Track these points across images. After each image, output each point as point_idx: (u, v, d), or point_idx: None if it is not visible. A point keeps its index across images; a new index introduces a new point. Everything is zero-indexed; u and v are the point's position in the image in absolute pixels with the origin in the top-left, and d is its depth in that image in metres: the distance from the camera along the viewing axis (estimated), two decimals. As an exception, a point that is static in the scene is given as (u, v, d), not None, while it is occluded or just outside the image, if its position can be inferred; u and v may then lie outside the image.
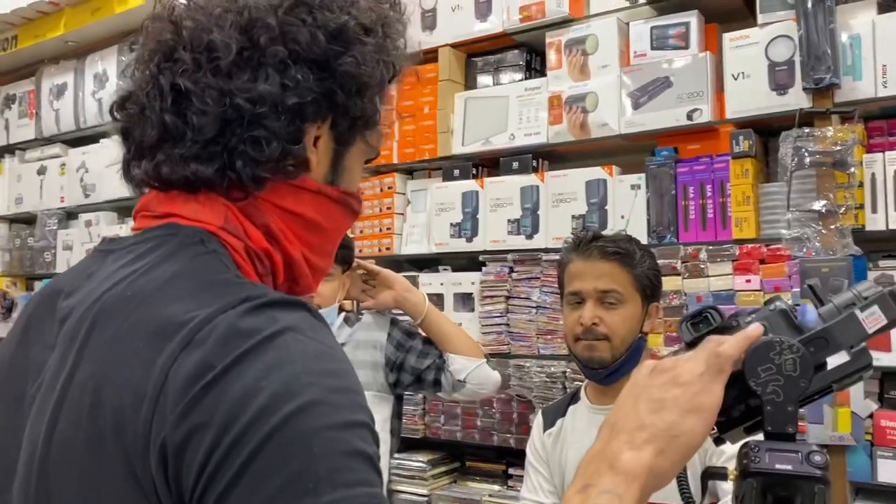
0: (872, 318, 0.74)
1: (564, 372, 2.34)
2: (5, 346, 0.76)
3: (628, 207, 2.31)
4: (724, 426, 0.77)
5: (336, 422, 0.58)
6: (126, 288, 0.66)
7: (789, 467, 0.71)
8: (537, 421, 1.77)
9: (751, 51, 2.11)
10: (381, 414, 1.86)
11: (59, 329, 0.69)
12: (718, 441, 0.78)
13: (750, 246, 2.08)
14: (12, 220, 4.04)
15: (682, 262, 2.15)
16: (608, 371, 1.57)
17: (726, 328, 0.78)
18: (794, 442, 0.72)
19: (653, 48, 2.30)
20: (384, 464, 1.90)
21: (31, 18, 3.63)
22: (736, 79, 2.13)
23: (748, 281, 2.06)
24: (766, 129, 2.19)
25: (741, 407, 0.75)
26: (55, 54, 3.78)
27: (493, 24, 2.57)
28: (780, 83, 2.07)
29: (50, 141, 3.83)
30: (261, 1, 0.71)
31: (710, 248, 2.13)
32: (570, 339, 1.62)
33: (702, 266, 2.13)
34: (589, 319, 1.55)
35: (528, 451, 1.75)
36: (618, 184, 2.34)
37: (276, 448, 0.55)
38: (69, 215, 3.81)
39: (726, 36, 2.17)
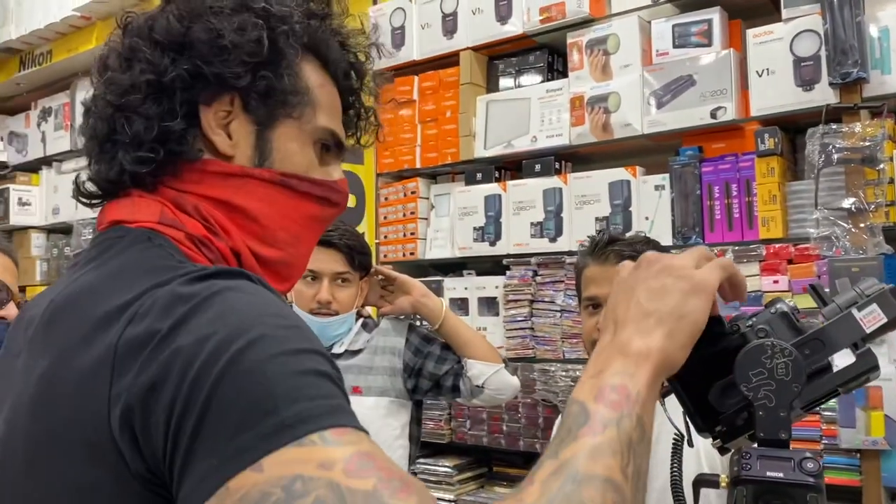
0: (871, 317, 0.72)
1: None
2: None
3: (652, 208, 2.27)
4: (728, 436, 0.74)
5: (286, 349, 0.59)
6: (76, 286, 0.70)
7: (780, 475, 0.68)
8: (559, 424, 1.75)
9: (775, 46, 2.07)
10: (399, 419, 1.86)
11: (24, 338, 0.72)
12: (723, 451, 0.76)
13: (777, 246, 2.03)
14: (50, 230, 4.14)
15: (708, 264, 2.10)
16: None
17: (739, 339, 0.76)
18: (788, 448, 0.70)
19: (675, 46, 2.26)
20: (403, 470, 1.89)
21: (65, 33, 3.72)
22: (760, 75, 2.09)
23: (776, 282, 2.01)
24: (793, 127, 2.14)
25: (744, 415, 0.73)
26: (88, 67, 3.84)
27: (514, 27, 2.56)
28: (805, 79, 2.02)
29: (85, 152, 3.91)
30: (142, 14, 0.78)
31: (737, 248, 2.08)
32: (588, 345, 1.60)
33: (728, 267, 2.08)
34: None
35: None
36: (641, 184, 2.30)
37: (231, 381, 0.56)
38: (103, 224, 3.88)
39: (750, 32, 2.12)
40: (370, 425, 0.62)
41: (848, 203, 1.91)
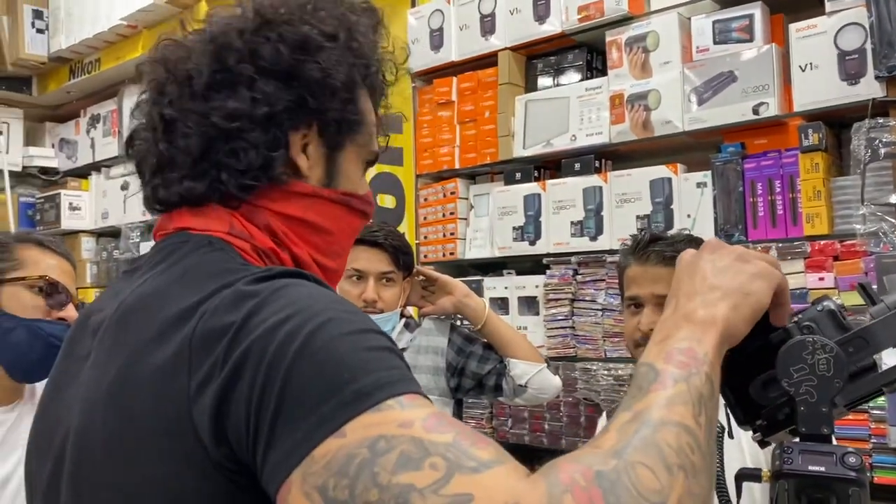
0: None
1: (632, 375, 2.30)
2: (55, 365, 0.84)
3: (694, 206, 2.26)
4: (768, 429, 0.75)
5: (354, 329, 0.63)
6: (144, 289, 0.73)
7: (822, 469, 0.69)
8: (602, 422, 1.76)
9: (819, 40, 2.04)
10: None
11: (92, 340, 0.76)
12: (763, 444, 0.77)
13: (822, 242, 2.00)
14: (99, 234, 4.25)
15: (752, 261, 2.09)
16: None
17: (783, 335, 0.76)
18: (830, 443, 0.70)
19: (716, 42, 2.24)
20: None
21: (112, 42, 3.82)
22: (804, 70, 2.06)
23: (821, 279, 1.99)
24: (837, 121, 2.10)
25: (786, 410, 0.73)
26: (135, 75, 3.95)
27: (553, 26, 2.56)
28: (850, 73, 1.99)
29: (132, 158, 4.01)
30: (230, 27, 0.78)
31: (781, 245, 2.06)
32: (630, 345, 1.60)
33: (772, 264, 2.06)
34: (647, 326, 1.53)
35: None
36: (683, 182, 2.29)
37: (307, 360, 0.59)
38: (150, 228, 3.96)
39: (793, 26, 2.10)
40: None
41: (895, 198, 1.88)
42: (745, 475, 0.76)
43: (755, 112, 2.13)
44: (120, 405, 0.67)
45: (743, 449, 1.34)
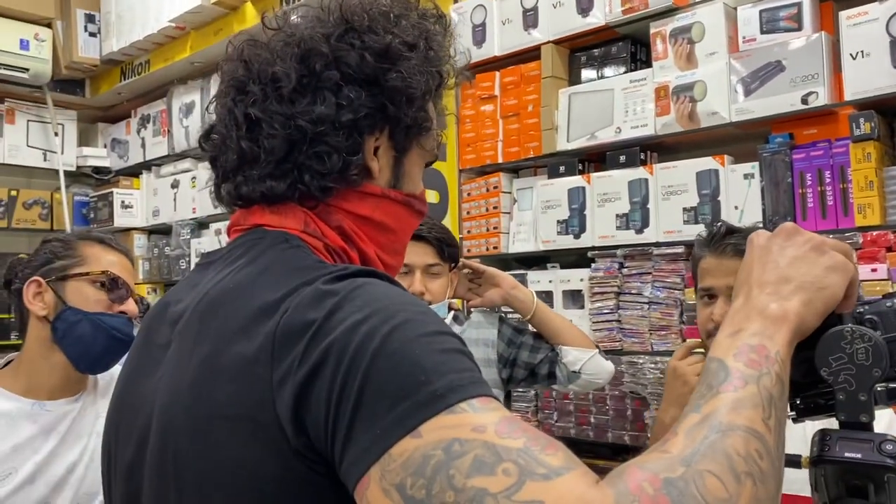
0: None
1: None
2: (131, 352, 0.88)
3: (742, 198, 2.23)
4: (804, 411, 0.76)
5: (429, 331, 0.65)
6: (227, 283, 0.76)
7: (859, 456, 0.70)
8: (649, 416, 1.76)
9: (871, 28, 2.00)
10: None
11: (171, 330, 0.79)
12: (796, 421, 0.78)
13: (875, 233, 1.97)
14: (151, 231, 4.36)
15: (801, 253, 2.06)
16: None
17: (835, 321, 0.76)
18: (869, 431, 0.71)
19: (763, 32, 2.21)
20: None
21: (161, 43, 3.91)
22: (854, 58, 2.03)
23: (874, 270, 1.95)
24: (890, 110, 2.06)
25: (828, 396, 0.74)
26: (183, 75, 4.05)
27: (596, 18, 2.55)
28: (904, 60, 1.95)
29: (181, 156, 4.11)
30: (315, 32, 0.80)
31: (831, 237, 2.02)
32: (703, 335, 1.62)
33: (822, 256, 2.03)
34: (720, 317, 1.53)
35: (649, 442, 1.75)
36: (730, 173, 2.27)
37: (384, 360, 0.62)
38: (201, 225, 4.07)
39: (843, 14, 2.06)
40: None
41: (952, 187, 1.84)
42: (785, 461, 0.77)
43: (804, 102, 2.10)
44: (206, 392, 0.70)
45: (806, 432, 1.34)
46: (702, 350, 1.64)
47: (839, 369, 0.72)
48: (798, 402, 0.77)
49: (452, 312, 2.01)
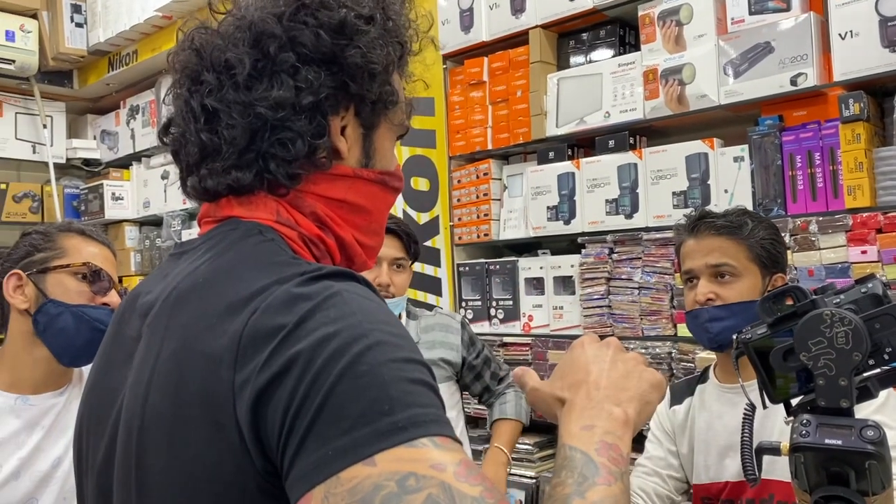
0: None
1: (670, 353, 2.29)
2: (102, 344, 0.86)
3: (732, 181, 2.22)
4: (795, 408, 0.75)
5: (400, 356, 0.63)
6: (197, 276, 0.74)
7: (839, 442, 0.69)
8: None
9: (860, 7, 1.98)
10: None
11: (142, 322, 0.77)
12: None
13: (865, 215, 1.96)
14: (142, 222, 4.34)
15: (791, 236, 2.05)
16: None
17: (810, 306, 0.75)
18: (849, 417, 0.69)
19: (751, 13, 2.19)
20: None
21: (148, 33, 3.87)
22: (843, 38, 2.01)
23: (864, 252, 1.94)
24: (880, 90, 2.05)
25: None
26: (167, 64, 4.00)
27: (584, 2, 2.53)
28: (893, 40, 1.93)
29: (171, 147, 4.07)
30: (265, 13, 0.76)
31: (821, 219, 2.02)
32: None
33: (812, 238, 2.02)
34: (703, 296, 1.53)
35: (651, 423, 1.75)
36: (720, 157, 2.25)
37: (351, 380, 0.60)
38: (191, 216, 4.04)
39: (832, -7, 2.04)
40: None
41: (941, 168, 1.83)
42: (764, 449, 0.76)
43: (793, 83, 2.08)
44: (171, 390, 0.68)
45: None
46: None
47: (819, 354, 0.70)
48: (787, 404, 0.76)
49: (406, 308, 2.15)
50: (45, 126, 4.29)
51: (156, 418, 0.69)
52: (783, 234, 2.05)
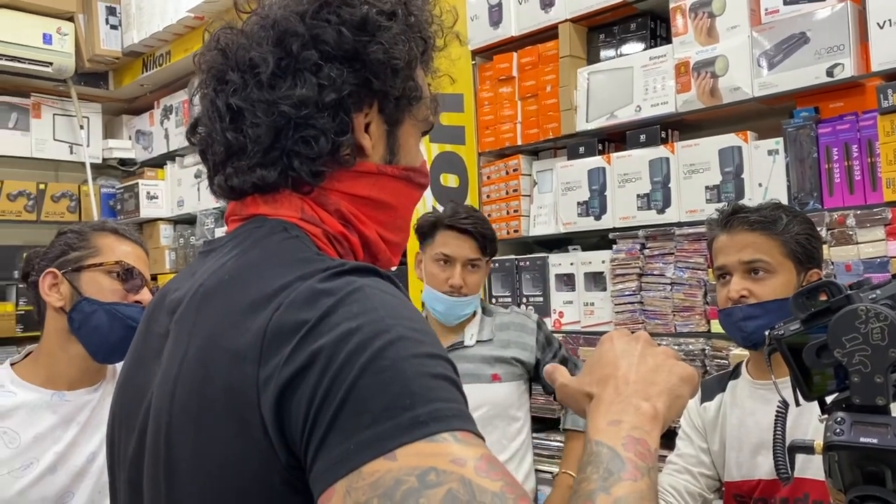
0: None
1: (703, 349, 2.26)
2: (133, 341, 0.87)
3: (766, 174, 2.18)
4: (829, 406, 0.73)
5: (422, 352, 0.63)
6: (223, 273, 0.75)
7: (874, 440, 0.67)
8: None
9: (898, -6, 1.93)
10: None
11: (170, 319, 0.78)
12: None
13: (905, 208, 1.91)
14: (176, 221, 4.39)
15: (828, 230, 2.01)
16: None
17: (844, 302, 0.73)
18: (886, 415, 0.67)
19: (786, 3, 2.15)
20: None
21: (181, 34, 3.92)
22: (882, 27, 1.96)
23: (904, 246, 1.89)
24: (920, 80, 1.99)
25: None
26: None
27: (614, -5, 2.50)
28: (933, 27, 1.88)
29: (204, 146, 4.12)
30: (288, 12, 0.77)
31: (859, 212, 1.97)
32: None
33: (850, 233, 1.98)
34: (736, 293, 1.50)
35: (682, 420, 1.73)
36: (754, 150, 2.21)
37: (373, 375, 0.60)
38: (224, 214, 4.08)
39: (869, -19, 1.99)
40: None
41: (985, 159, 1.77)
42: (797, 447, 0.75)
43: (829, 74, 2.03)
44: (197, 386, 0.69)
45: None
46: None
47: (853, 350, 0.69)
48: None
49: (481, 304, 2.09)
50: (81, 127, 4.37)
51: (183, 414, 0.69)
52: (819, 229, 2.01)
